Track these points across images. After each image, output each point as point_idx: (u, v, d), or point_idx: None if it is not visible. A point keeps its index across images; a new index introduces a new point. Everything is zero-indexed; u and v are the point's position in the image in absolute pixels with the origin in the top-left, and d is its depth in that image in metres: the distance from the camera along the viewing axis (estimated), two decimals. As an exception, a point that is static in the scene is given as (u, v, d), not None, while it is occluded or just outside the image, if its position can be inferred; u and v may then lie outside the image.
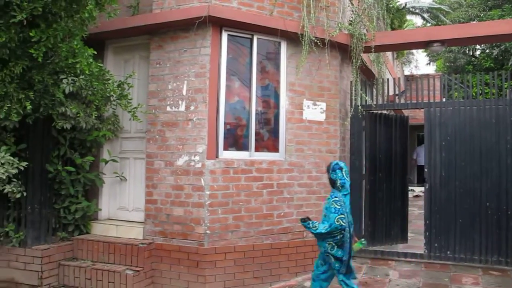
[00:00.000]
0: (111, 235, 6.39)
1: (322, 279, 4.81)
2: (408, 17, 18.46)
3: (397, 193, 7.88)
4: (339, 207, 4.54)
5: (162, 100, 6.14)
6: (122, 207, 6.71)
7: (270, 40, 6.43)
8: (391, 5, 13.01)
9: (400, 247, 7.65)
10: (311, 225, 4.59)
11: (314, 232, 4.58)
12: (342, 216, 4.51)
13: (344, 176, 4.68)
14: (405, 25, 16.04)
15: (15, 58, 5.04)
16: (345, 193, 4.68)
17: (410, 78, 18.40)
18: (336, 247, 4.57)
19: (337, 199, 4.59)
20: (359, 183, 7.40)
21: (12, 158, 5.64)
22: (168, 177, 6.02)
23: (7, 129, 5.82)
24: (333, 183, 4.71)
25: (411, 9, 16.75)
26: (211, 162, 5.84)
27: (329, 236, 4.56)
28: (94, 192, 6.68)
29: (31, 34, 4.72)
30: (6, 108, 5.10)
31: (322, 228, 4.53)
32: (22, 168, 5.72)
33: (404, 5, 16.11)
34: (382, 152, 7.69)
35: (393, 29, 13.92)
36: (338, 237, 4.55)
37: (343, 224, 4.50)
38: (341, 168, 4.70)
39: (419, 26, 21.54)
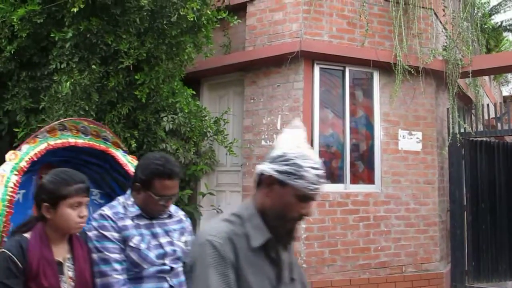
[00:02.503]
0: (209, 266, 6.53)
1: None
2: (505, 34, 17.47)
3: (503, 225, 7.34)
4: None
5: (257, 135, 6.27)
6: (218, 239, 6.85)
7: (362, 70, 6.39)
8: (486, 26, 12.43)
9: (509, 285, 7.08)
10: None
11: None
12: None
13: None
14: (502, 44, 15.22)
15: (122, 100, 5.42)
16: None
17: (510, 99, 17.31)
18: None
19: None
20: (460, 214, 6.99)
21: (118, 193, 6.02)
22: (263, 210, 6.08)
23: (113, 164, 6.23)
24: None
25: (508, 27, 15.84)
26: (306, 195, 5.82)
27: None
28: (192, 223, 6.88)
29: (136, 77, 5.08)
30: (115, 146, 5.47)
31: None
32: (127, 202, 6.07)
33: (499, 23, 15.30)
34: (484, 182, 7.24)
35: (488, 49, 13.21)
36: None
37: None
38: None
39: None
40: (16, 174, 2.69)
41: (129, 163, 3.33)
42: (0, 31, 5.31)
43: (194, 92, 5.80)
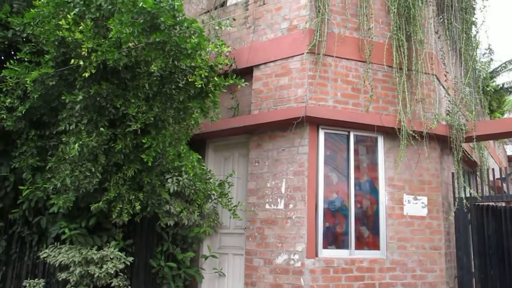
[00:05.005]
0: (209, 332, 6.35)
1: None
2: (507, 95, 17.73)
3: (513, 292, 7.13)
4: None
5: (261, 198, 6.26)
6: (220, 303, 6.71)
7: (366, 135, 6.45)
8: (488, 88, 12.66)
9: None
10: None
11: None
12: None
13: None
14: (504, 105, 15.42)
15: (128, 162, 5.47)
16: None
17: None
18: None
19: None
20: (468, 281, 6.82)
21: (120, 253, 5.94)
22: (267, 275, 5.98)
23: (116, 225, 6.19)
24: None
25: (509, 89, 16.12)
26: (310, 261, 5.74)
27: None
28: (193, 287, 6.77)
29: (143, 141, 5.14)
30: (119, 208, 5.47)
31: None
32: (128, 263, 5.99)
33: (501, 85, 15.58)
34: (493, 248, 7.10)
35: (491, 111, 13.39)
36: None
37: None
38: None
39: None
40: None
41: None
42: (13, 91, 5.45)
43: (200, 157, 5.85)
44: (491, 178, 7.34)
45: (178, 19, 4.67)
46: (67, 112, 5.28)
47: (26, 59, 5.47)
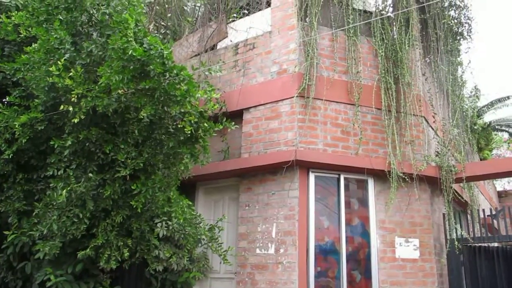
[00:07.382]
0: None
1: None
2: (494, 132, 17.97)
3: (508, 335, 7.02)
4: None
5: (251, 242, 6.18)
6: None
7: (357, 178, 6.44)
8: (476, 127, 12.84)
9: None
10: None
11: None
12: None
13: None
14: (492, 142, 15.60)
15: (116, 208, 5.39)
16: None
17: (504, 194, 17.39)
18: None
19: None
20: (463, 325, 6.72)
21: (107, 301, 5.80)
22: (257, 323, 5.85)
23: (104, 271, 6.05)
24: None
25: (496, 127, 16.35)
26: (302, 308, 5.63)
27: None
28: (183, 334, 6.59)
29: (132, 187, 5.08)
30: (107, 255, 5.35)
31: None
32: (116, 311, 5.83)
33: (488, 123, 15.79)
34: (486, 289, 7.03)
35: (479, 149, 13.51)
36: None
37: None
38: None
39: (507, 140, 20.77)
40: None
41: None
42: (1, 135, 5.39)
43: (190, 202, 5.79)
44: (482, 216, 7.31)
45: (167, 66, 4.68)
46: (56, 157, 5.22)
47: (15, 103, 5.45)
